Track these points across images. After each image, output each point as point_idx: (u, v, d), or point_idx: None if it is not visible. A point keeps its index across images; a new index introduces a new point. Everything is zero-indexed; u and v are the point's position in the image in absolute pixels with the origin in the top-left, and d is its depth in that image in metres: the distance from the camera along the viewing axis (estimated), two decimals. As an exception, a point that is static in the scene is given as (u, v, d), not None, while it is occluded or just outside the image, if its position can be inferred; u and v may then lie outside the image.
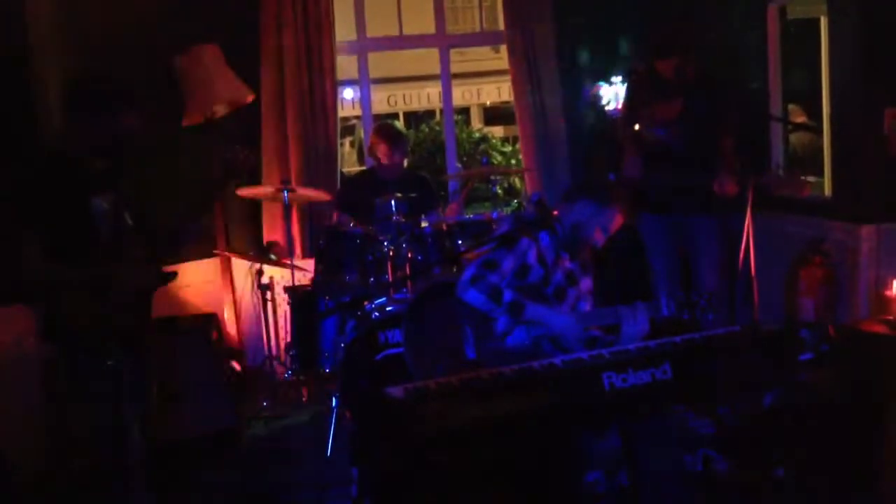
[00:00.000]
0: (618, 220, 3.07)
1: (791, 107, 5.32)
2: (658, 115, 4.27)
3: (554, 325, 2.95)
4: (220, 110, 5.10)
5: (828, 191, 4.39)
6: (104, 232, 2.84)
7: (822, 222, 4.29)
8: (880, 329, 3.40)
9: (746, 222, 3.68)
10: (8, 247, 3.66)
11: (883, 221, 3.96)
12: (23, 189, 2.81)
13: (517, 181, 9.39)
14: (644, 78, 4.45)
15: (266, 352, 5.04)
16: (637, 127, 4.32)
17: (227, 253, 5.22)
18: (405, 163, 4.91)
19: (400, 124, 5.28)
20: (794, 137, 5.25)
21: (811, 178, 4.97)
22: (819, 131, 4.61)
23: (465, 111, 16.09)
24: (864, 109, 3.94)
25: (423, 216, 4.62)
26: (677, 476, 2.76)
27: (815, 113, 4.61)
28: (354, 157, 14.75)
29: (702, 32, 5.17)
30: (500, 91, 15.37)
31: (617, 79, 5.45)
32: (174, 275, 3.07)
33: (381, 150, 4.70)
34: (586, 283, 3.19)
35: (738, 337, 2.67)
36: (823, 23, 4.39)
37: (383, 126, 4.91)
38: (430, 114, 15.87)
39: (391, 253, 4.05)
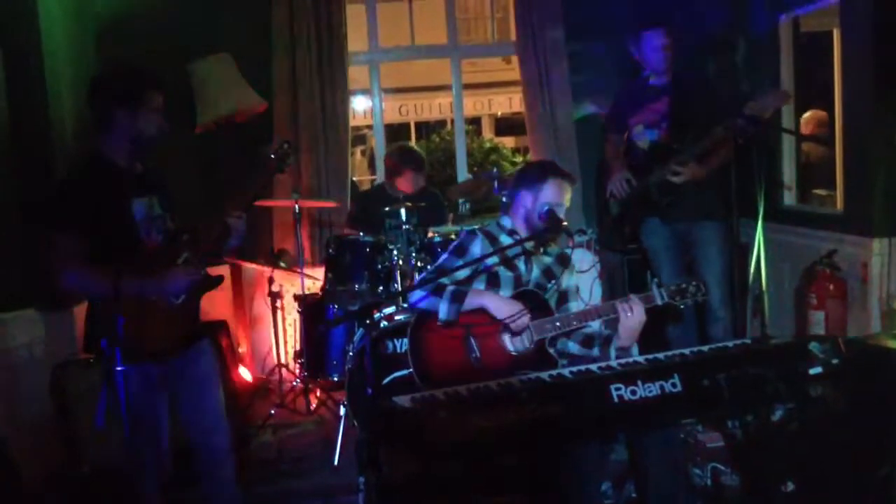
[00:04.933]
0: (561, 191, 3.12)
1: (809, 114, 5.29)
2: (648, 118, 4.30)
3: (490, 307, 2.98)
4: (233, 119, 5.13)
5: (839, 204, 4.37)
6: (147, 236, 2.77)
7: (834, 235, 4.28)
8: (891, 343, 3.37)
9: (757, 234, 3.66)
10: (23, 251, 3.73)
11: (894, 235, 3.94)
12: (63, 194, 2.73)
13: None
14: (626, 87, 4.51)
15: (275, 359, 5.05)
16: (633, 133, 4.35)
17: (237, 260, 5.24)
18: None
19: (413, 144, 5.30)
20: (806, 149, 5.24)
21: (822, 192, 4.96)
22: (831, 144, 4.59)
23: (476, 121, 16.14)
24: (877, 123, 3.93)
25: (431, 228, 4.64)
26: (684, 489, 2.75)
27: (827, 126, 4.61)
28: (365, 165, 14.79)
29: (714, 47, 5.19)
30: (511, 102, 15.41)
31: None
32: (220, 279, 2.96)
33: (406, 176, 4.71)
34: (567, 279, 3.21)
35: (748, 350, 2.66)
36: (836, 36, 4.38)
37: (408, 152, 4.90)
38: (441, 124, 15.93)
39: (400, 262, 4.06)
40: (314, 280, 4.89)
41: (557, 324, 2.99)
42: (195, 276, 2.80)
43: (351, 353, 4.06)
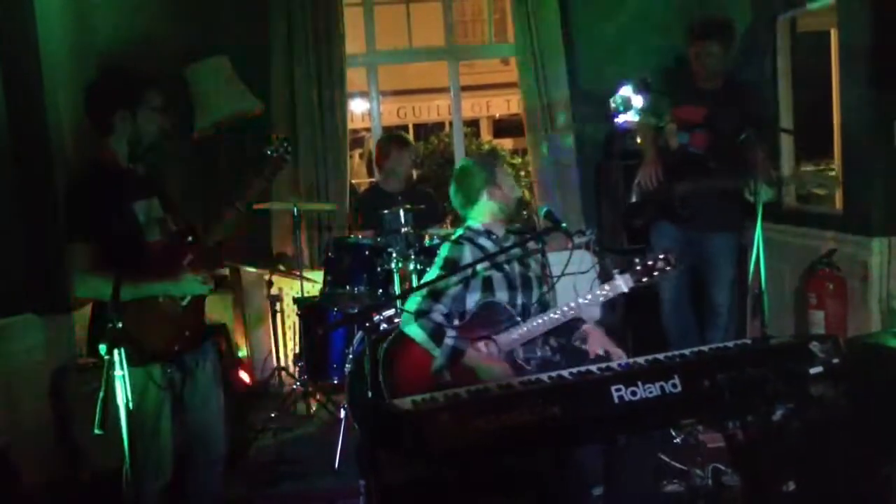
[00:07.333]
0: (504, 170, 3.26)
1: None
2: (683, 117, 4.25)
3: (486, 374, 2.97)
4: (230, 122, 5.13)
5: (839, 204, 4.37)
6: (150, 239, 2.74)
7: (833, 235, 4.28)
8: (891, 342, 3.37)
9: (757, 234, 3.66)
10: (22, 256, 3.73)
11: (894, 234, 3.94)
12: (67, 201, 2.71)
13: (526, 193, 9.38)
14: (674, 77, 4.44)
15: (274, 363, 5.04)
16: (665, 130, 4.31)
17: (236, 264, 5.23)
18: (414, 173, 4.91)
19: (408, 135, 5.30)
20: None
21: (820, 191, 4.96)
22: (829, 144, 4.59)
23: (474, 123, 16.10)
24: (875, 122, 3.93)
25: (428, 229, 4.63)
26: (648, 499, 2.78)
27: (825, 126, 4.60)
28: (364, 168, 14.78)
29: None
30: (509, 104, 15.38)
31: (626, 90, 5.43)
32: (223, 280, 2.97)
33: (393, 158, 4.68)
34: (534, 265, 3.29)
35: (748, 350, 2.66)
36: (834, 35, 4.38)
37: (393, 135, 4.91)
38: (439, 126, 15.89)
39: (400, 265, 4.06)
40: (313, 283, 4.88)
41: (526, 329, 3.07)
42: (207, 280, 2.80)
43: (351, 356, 4.06)
